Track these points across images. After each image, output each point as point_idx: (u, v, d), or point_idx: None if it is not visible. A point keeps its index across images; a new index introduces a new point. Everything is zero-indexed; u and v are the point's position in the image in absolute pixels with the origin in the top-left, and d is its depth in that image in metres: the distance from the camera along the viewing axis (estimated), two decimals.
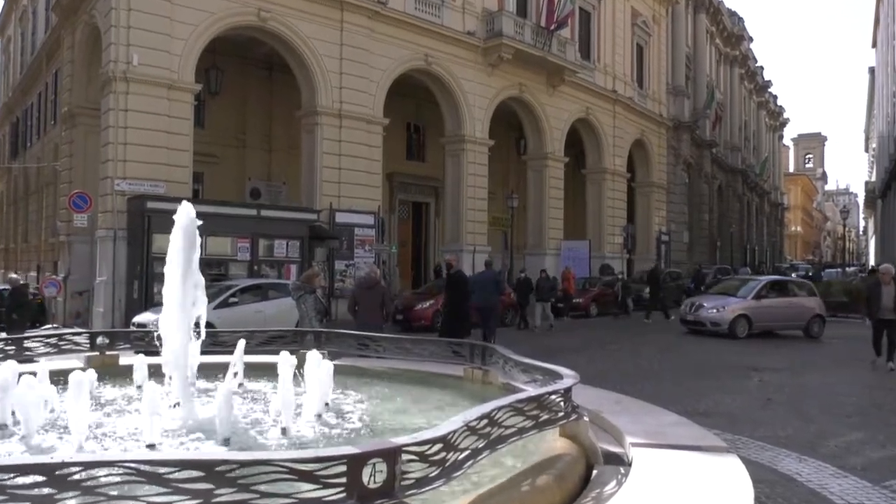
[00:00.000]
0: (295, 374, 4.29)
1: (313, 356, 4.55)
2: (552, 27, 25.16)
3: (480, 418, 2.84)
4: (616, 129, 31.73)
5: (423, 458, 2.50)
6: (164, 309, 4.31)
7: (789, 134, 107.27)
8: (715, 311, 16.34)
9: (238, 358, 5.09)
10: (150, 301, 14.71)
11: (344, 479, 2.30)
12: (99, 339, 5.82)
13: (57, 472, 2.12)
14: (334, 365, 4.68)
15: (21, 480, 2.09)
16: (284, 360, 4.37)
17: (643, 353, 13.73)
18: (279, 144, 24.12)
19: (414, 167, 28.67)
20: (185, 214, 4.05)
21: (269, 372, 4.78)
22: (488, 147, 24.98)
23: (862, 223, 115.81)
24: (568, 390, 3.61)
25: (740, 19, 54.20)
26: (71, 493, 2.13)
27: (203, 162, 20.98)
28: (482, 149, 24.74)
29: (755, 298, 16.59)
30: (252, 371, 5.26)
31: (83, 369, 3.80)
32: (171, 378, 4.29)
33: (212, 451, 3.43)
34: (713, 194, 46.26)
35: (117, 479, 2.17)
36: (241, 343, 5.12)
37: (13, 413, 3.92)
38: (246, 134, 23.98)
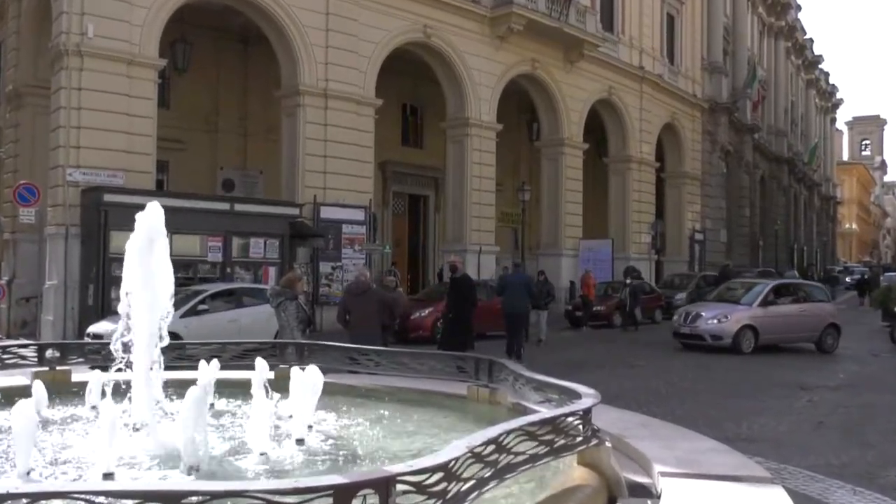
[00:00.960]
0: (274, 392, 4.29)
1: (296, 372, 4.55)
2: None
3: (486, 444, 2.84)
4: (643, 112, 31.84)
5: (420, 489, 2.48)
6: (123, 318, 4.32)
7: (843, 117, 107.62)
8: (716, 321, 16.12)
9: (209, 373, 5.08)
10: (108, 308, 14.74)
11: None
12: (48, 353, 5.81)
13: None
14: (325, 383, 4.72)
15: None
16: (261, 376, 4.36)
17: (674, 369, 13.79)
18: (256, 129, 24.27)
19: (410, 155, 28.75)
20: (152, 216, 4.02)
21: (245, 390, 4.79)
22: (496, 132, 25.14)
23: None
24: (587, 411, 3.61)
25: None
26: None
27: (168, 149, 21.06)
28: (489, 134, 24.83)
29: (762, 305, 16.39)
30: (225, 388, 5.27)
31: (30, 386, 3.80)
32: (131, 397, 4.29)
33: (178, 480, 3.46)
34: (755, 186, 46.33)
35: None
36: (213, 361, 5.13)
37: None
38: (218, 117, 24.09)
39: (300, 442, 4.22)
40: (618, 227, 31.02)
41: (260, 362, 4.75)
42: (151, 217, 4.09)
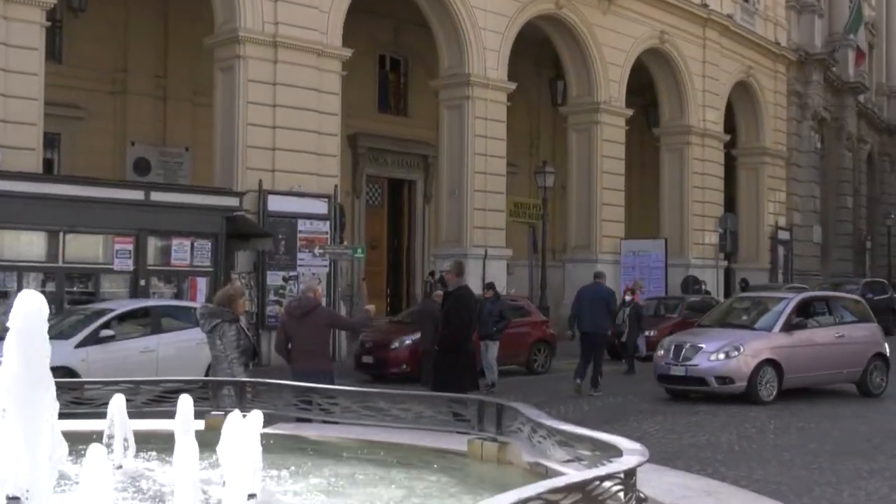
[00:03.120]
0: (204, 448, 4.29)
1: (234, 420, 4.55)
2: None
3: None
4: (707, 66, 31.98)
5: None
6: None
7: None
8: (723, 356, 15.08)
9: (117, 423, 5.05)
10: None
11: None
12: None
13: None
14: (268, 435, 4.70)
15: None
16: (186, 426, 4.34)
17: (750, 416, 13.78)
18: (179, 90, 24.41)
19: (391, 125, 28.86)
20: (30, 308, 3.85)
21: (164, 444, 4.74)
22: (508, 94, 25.26)
23: None
24: (630, 473, 3.59)
25: None
26: None
27: (61, 117, 21.19)
28: (498, 96, 24.88)
29: (785, 330, 15.71)
30: (139, 443, 5.26)
31: None
32: (10, 455, 4.25)
33: None
34: (860, 167, 46.48)
35: None
36: (121, 400, 5.11)
37: None
38: (128, 73, 24.16)
39: None
40: (673, 222, 31.01)
41: (184, 407, 4.73)
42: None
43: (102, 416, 5.15)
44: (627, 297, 21.18)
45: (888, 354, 16.77)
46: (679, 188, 31.39)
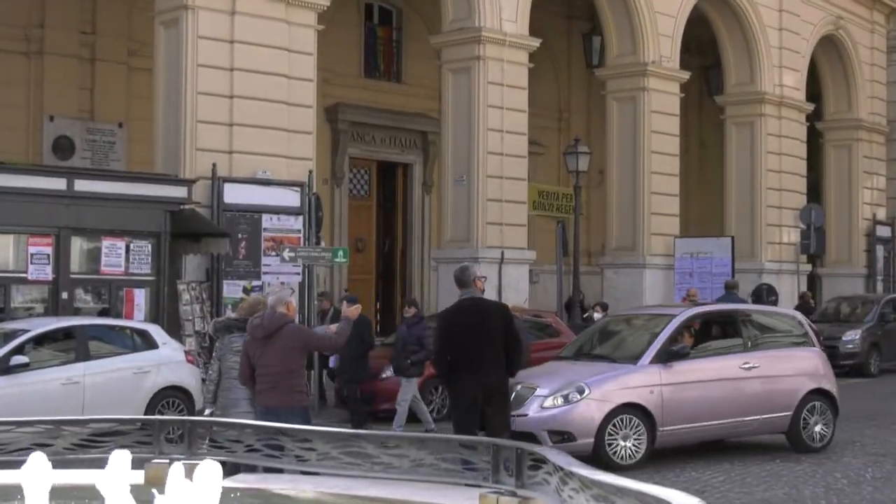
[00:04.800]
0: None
1: (179, 471, 4.51)
2: None
3: None
4: (784, 17, 31.95)
5: None
6: None
7: None
8: (560, 401, 13.88)
9: (33, 475, 4.88)
10: None
11: None
12: None
13: None
14: (228, 489, 4.69)
15: None
16: (118, 478, 4.37)
17: (843, 461, 13.66)
18: (111, 50, 24.32)
19: (380, 94, 29.05)
20: None
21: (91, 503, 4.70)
22: (530, 53, 25.19)
23: None
24: None
25: None
26: None
27: None
28: (517, 56, 24.79)
29: (660, 361, 14.30)
30: (59, 499, 5.07)
31: None
32: None
33: None
34: None
35: None
36: (37, 454, 4.91)
37: None
38: (45, 30, 23.99)
39: None
40: (742, 216, 30.95)
41: (118, 457, 4.73)
42: None
43: (15, 464, 5.05)
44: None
45: (835, 391, 15.42)
46: (749, 172, 31.21)
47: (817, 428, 14.89)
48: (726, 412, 14.58)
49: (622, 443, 13.63)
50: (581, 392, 13.71)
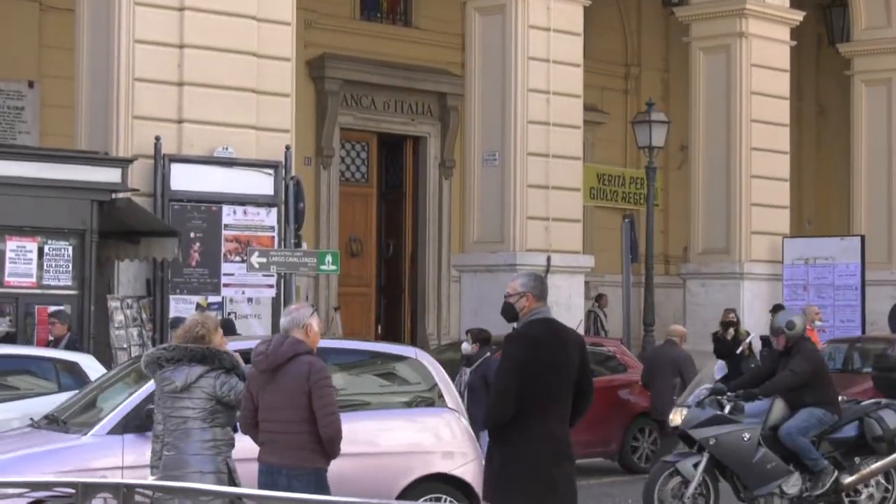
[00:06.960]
0: None
1: None
2: None
3: None
4: None
5: None
6: None
7: None
8: None
9: None
10: None
11: None
12: None
13: None
14: None
15: None
16: None
17: None
18: None
19: (381, 42, 27.94)
20: None
21: None
22: None
23: None
24: None
25: None
26: None
27: None
28: None
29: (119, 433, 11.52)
30: None
31: None
32: None
33: None
34: None
35: None
36: None
37: None
38: None
39: None
40: (876, 209, 29.56)
41: None
42: None
43: None
44: None
45: (468, 479, 11.85)
46: (886, 149, 29.36)
47: None
48: None
49: None
50: None
